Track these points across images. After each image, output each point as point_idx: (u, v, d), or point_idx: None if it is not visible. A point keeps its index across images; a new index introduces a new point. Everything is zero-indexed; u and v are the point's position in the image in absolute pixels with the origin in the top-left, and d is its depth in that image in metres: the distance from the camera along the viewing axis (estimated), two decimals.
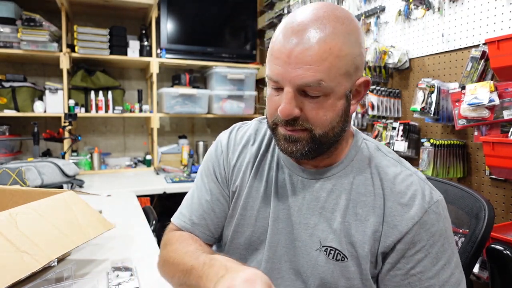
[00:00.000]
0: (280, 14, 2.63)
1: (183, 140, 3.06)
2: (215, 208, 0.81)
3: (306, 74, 0.60)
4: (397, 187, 0.68)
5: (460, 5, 1.45)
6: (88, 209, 0.93)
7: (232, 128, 0.87)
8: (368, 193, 0.69)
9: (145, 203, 2.14)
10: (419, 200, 0.66)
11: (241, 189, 0.79)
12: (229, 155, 0.82)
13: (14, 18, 2.32)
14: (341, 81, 0.62)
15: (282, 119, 0.64)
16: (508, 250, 0.90)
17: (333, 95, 0.62)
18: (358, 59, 0.64)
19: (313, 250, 0.71)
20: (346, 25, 0.62)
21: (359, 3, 2.02)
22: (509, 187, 1.31)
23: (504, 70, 1.18)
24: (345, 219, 0.69)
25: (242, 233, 0.78)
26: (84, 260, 0.99)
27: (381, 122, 1.83)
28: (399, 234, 0.65)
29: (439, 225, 0.66)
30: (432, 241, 0.65)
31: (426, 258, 0.65)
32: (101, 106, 2.62)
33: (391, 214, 0.67)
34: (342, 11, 0.64)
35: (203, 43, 2.87)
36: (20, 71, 2.66)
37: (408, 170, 0.71)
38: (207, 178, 0.84)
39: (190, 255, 0.70)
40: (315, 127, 0.64)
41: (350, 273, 0.68)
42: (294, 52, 0.60)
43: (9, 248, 0.68)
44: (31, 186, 1.77)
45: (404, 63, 1.72)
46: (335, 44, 0.60)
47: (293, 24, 0.62)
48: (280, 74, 0.62)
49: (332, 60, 0.60)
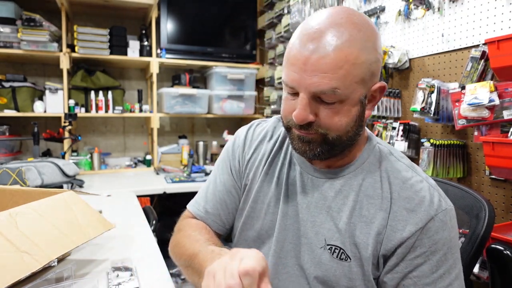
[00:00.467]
0: (280, 14, 2.63)
1: (183, 140, 3.06)
2: (227, 199, 0.85)
3: (321, 82, 0.60)
4: (406, 192, 0.68)
5: (460, 5, 1.45)
6: (88, 209, 0.93)
7: (251, 123, 0.90)
8: (376, 195, 0.69)
9: (145, 203, 2.14)
10: (425, 207, 0.66)
11: (252, 183, 0.82)
12: (245, 149, 0.85)
13: (14, 18, 2.32)
14: (356, 88, 0.62)
15: (296, 124, 0.65)
16: (508, 250, 0.90)
17: (348, 101, 0.63)
18: (374, 66, 0.64)
19: (318, 247, 0.71)
20: (363, 32, 0.62)
21: (359, 3, 2.02)
22: (509, 187, 1.31)
23: (504, 70, 1.18)
24: (351, 220, 0.69)
25: (251, 225, 0.81)
26: (84, 260, 0.99)
27: (381, 122, 1.83)
28: (401, 239, 0.65)
29: (443, 233, 0.65)
30: (434, 248, 0.65)
31: (425, 264, 0.65)
32: (101, 106, 2.62)
33: (395, 218, 0.66)
34: (359, 17, 0.64)
35: (203, 43, 2.87)
36: (20, 71, 2.66)
37: (419, 176, 0.70)
38: (222, 170, 0.88)
39: (201, 243, 0.74)
40: (329, 131, 0.65)
41: (352, 273, 0.68)
42: (311, 59, 0.60)
43: (9, 248, 0.68)
44: (31, 186, 1.77)
45: (404, 63, 1.72)
46: (351, 52, 0.60)
47: (310, 30, 0.62)
48: (295, 81, 0.63)
49: (347, 68, 0.60)
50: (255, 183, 0.81)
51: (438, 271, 0.64)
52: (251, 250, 0.54)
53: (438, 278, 0.64)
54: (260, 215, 0.80)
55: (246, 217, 0.82)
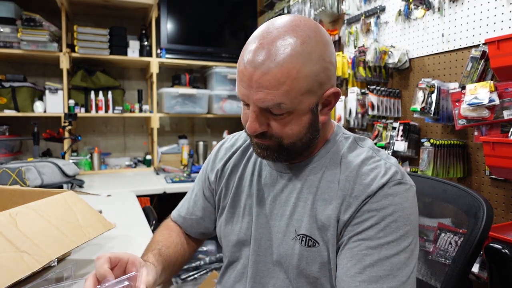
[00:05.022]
0: (280, 14, 2.63)
1: (183, 140, 3.06)
2: (199, 207, 0.93)
3: (266, 98, 0.62)
4: (362, 171, 0.69)
5: (460, 5, 1.45)
6: (88, 209, 0.93)
7: (228, 136, 0.97)
8: (336, 180, 0.71)
9: (145, 203, 2.14)
10: (378, 179, 0.66)
11: (227, 189, 0.86)
12: (217, 160, 0.91)
13: (14, 18, 2.32)
14: (303, 99, 0.64)
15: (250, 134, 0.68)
16: (506, 248, 0.90)
17: (297, 112, 0.65)
18: (322, 75, 0.64)
19: (290, 239, 0.73)
20: (306, 44, 0.62)
21: (359, 3, 2.02)
22: (509, 187, 1.31)
23: (504, 70, 1.18)
24: (314, 205, 0.71)
25: (231, 230, 0.83)
26: (84, 260, 0.99)
27: (381, 122, 1.83)
28: (354, 210, 0.66)
29: (394, 199, 0.65)
30: (383, 213, 0.64)
31: (372, 228, 0.64)
32: (101, 106, 2.62)
33: (352, 194, 0.68)
34: (305, 28, 0.63)
35: (203, 43, 2.87)
36: (20, 71, 2.66)
37: (378, 157, 0.71)
38: (198, 179, 0.97)
39: (158, 238, 0.89)
40: (282, 139, 0.68)
41: (323, 257, 0.69)
42: (254, 76, 0.62)
43: (9, 248, 0.68)
44: (31, 186, 1.77)
45: (404, 63, 1.72)
46: (293, 66, 0.61)
47: (254, 45, 0.63)
48: (245, 95, 0.65)
49: (290, 84, 0.61)
50: (230, 190, 0.86)
51: (385, 237, 0.63)
52: None
53: (384, 244, 0.63)
54: (238, 219, 0.83)
55: (225, 223, 0.84)
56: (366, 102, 1.91)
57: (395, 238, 0.63)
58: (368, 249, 0.63)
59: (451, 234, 1.18)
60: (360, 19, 2.00)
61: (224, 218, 0.85)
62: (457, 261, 0.81)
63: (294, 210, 0.74)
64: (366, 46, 1.96)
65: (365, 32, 1.98)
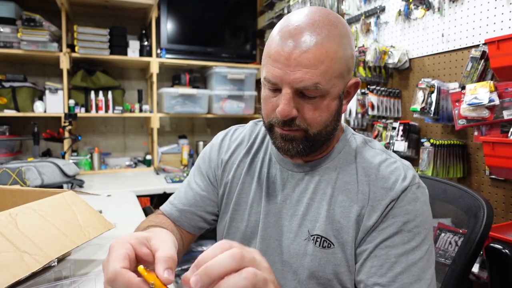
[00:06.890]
0: (280, 14, 2.63)
1: (183, 140, 3.06)
2: (199, 201, 0.87)
3: (304, 77, 0.62)
4: (381, 173, 0.70)
5: (460, 5, 1.45)
6: (88, 209, 0.93)
7: (229, 129, 0.93)
8: (353, 181, 0.71)
9: (145, 203, 2.15)
10: (400, 182, 0.68)
11: (232, 185, 0.83)
12: (222, 153, 0.87)
13: (14, 18, 2.32)
14: (336, 83, 0.65)
15: (280, 120, 0.66)
16: (506, 248, 0.90)
17: (328, 96, 0.65)
18: (350, 61, 0.67)
19: (302, 240, 0.73)
20: (339, 29, 0.65)
21: (359, 3, 2.02)
22: (509, 187, 1.31)
23: (504, 70, 1.18)
24: (331, 206, 0.71)
25: (236, 228, 0.82)
26: (84, 260, 0.99)
27: (381, 122, 1.83)
28: (379, 215, 0.67)
29: (416, 204, 0.66)
30: (406, 218, 0.65)
31: (397, 235, 0.65)
32: (101, 106, 2.62)
33: (375, 198, 0.68)
34: (334, 16, 0.67)
35: (203, 43, 2.87)
36: (20, 71, 2.66)
37: (393, 158, 0.73)
38: (195, 174, 0.90)
39: (150, 218, 0.85)
40: (310, 127, 0.67)
41: (336, 259, 0.69)
42: (293, 54, 0.62)
43: (9, 248, 0.68)
44: (31, 186, 1.77)
45: (404, 63, 1.72)
46: (330, 47, 0.62)
47: (290, 27, 0.64)
48: (279, 76, 0.64)
49: (328, 63, 0.62)
50: (235, 185, 0.83)
51: (410, 243, 0.65)
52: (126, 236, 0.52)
53: (410, 250, 0.65)
54: (243, 217, 0.81)
55: (230, 220, 0.83)
56: (366, 102, 1.91)
57: (418, 242, 0.65)
58: (396, 257, 0.65)
59: (451, 234, 1.18)
60: (360, 19, 2.00)
61: (229, 216, 0.83)
62: (457, 261, 0.81)
63: (308, 210, 0.73)
64: (366, 46, 1.96)
65: (365, 32, 1.98)
